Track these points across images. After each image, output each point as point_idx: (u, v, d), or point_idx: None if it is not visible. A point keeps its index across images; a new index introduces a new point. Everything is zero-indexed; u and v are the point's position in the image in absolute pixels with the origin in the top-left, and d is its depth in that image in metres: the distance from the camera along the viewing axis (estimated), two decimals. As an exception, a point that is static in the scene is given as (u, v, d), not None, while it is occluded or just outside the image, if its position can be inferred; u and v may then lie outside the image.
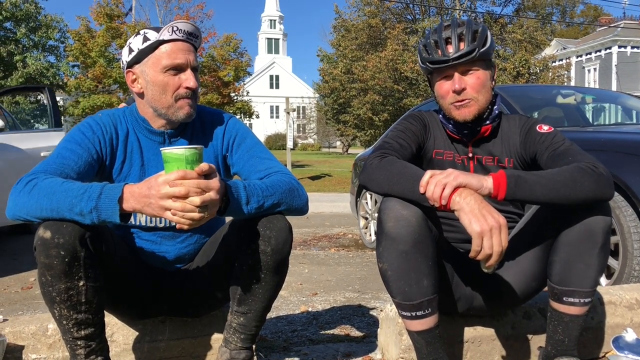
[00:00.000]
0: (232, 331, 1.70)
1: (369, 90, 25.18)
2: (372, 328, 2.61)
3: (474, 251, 1.44)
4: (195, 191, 1.32)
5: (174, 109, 1.65)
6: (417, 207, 1.51)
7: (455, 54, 1.67)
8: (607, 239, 1.56)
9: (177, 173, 1.33)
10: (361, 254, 5.18)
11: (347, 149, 38.56)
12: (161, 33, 1.61)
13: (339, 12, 29.85)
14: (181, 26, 1.62)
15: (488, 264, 1.45)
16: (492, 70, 1.78)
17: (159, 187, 1.33)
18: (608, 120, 5.67)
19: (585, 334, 1.97)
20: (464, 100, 1.71)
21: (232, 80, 19.57)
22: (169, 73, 1.62)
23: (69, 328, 1.49)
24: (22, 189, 1.42)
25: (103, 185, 1.39)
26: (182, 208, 1.32)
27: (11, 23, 23.10)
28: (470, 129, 1.78)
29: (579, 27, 41.35)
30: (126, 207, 1.37)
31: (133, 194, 1.36)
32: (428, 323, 1.59)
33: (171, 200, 1.32)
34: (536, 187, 1.46)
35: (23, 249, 5.17)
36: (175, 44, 1.63)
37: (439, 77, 1.76)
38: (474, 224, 1.41)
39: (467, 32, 1.68)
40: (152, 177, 1.37)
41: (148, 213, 1.36)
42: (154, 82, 1.63)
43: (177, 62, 1.62)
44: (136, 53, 1.64)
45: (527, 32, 25.87)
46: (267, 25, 65.19)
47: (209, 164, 1.38)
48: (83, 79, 18.29)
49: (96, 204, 1.36)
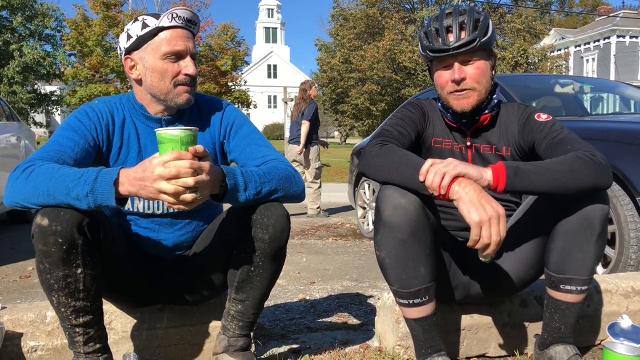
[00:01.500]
0: (230, 319, 1.71)
1: (367, 80, 25.09)
2: (369, 316, 2.62)
3: (472, 240, 1.44)
4: (187, 172, 1.32)
5: (173, 95, 1.65)
6: (415, 195, 1.52)
7: (455, 43, 1.66)
8: (605, 227, 1.56)
9: (172, 154, 1.33)
10: (359, 243, 5.19)
11: (345, 139, 38.51)
12: (160, 20, 1.61)
13: (337, 1, 29.62)
14: (180, 13, 1.62)
15: (485, 253, 1.46)
16: (492, 60, 1.77)
17: (153, 168, 1.33)
18: (606, 109, 5.67)
19: (582, 322, 1.98)
20: (463, 90, 1.71)
21: (229, 69, 19.53)
22: (168, 60, 1.62)
23: (67, 315, 1.49)
24: (19, 175, 1.42)
25: (99, 170, 1.39)
26: (175, 190, 1.32)
27: (7, 12, 22.97)
28: (468, 118, 1.77)
29: (578, 17, 41.24)
30: (122, 190, 1.37)
31: (128, 177, 1.36)
32: (425, 310, 1.60)
33: (165, 182, 1.32)
34: (535, 177, 1.46)
35: (21, 237, 5.17)
36: (174, 30, 1.62)
37: (439, 66, 1.75)
38: (473, 213, 1.41)
39: (469, 21, 1.66)
40: (147, 159, 1.37)
41: (144, 196, 1.36)
42: (153, 69, 1.63)
43: (177, 49, 1.62)
44: (135, 39, 1.63)
45: (526, 21, 25.76)
46: (264, 14, 64.81)
47: (202, 147, 1.39)
48: (80, 68, 18.24)
49: (92, 188, 1.36)
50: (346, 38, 27.28)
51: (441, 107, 1.83)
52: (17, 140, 5.73)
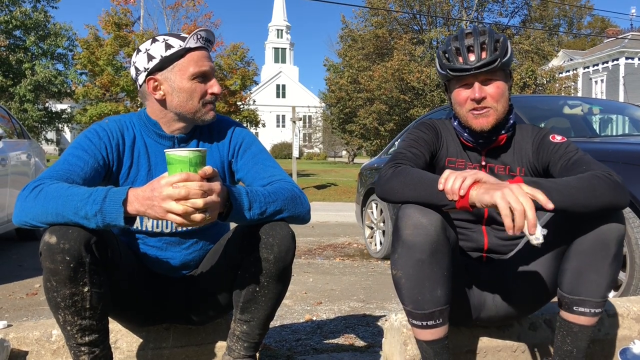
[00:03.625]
0: (235, 339, 1.70)
1: (375, 100, 25.21)
2: (376, 338, 2.59)
3: (506, 218, 1.34)
4: (197, 193, 1.32)
5: (201, 113, 1.70)
6: (436, 215, 1.49)
7: (477, 63, 1.67)
8: (620, 248, 1.54)
9: (180, 175, 1.32)
10: (366, 263, 5.16)
11: (353, 158, 38.58)
12: (187, 41, 1.63)
13: (346, 22, 29.98)
14: (204, 34, 1.66)
15: (530, 226, 1.34)
16: (510, 81, 1.78)
17: (162, 188, 1.32)
18: (615, 131, 5.65)
19: (592, 346, 1.95)
20: (483, 108, 1.71)
21: (238, 89, 19.64)
22: (196, 80, 1.65)
23: (73, 334, 1.49)
24: (28, 194, 1.43)
25: (108, 189, 1.39)
26: (184, 211, 1.31)
27: (21, 31, 23.32)
28: (485, 138, 1.77)
29: (586, 39, 41.35)
30: (130, 210, 1.37)
31: (137, 197, 1.36)
32: (438, 333, 1.57)
33: (174, 202, 1.31)
34: (555, 193, 1.44)
35: (29, 255, 5.19)
36: (201, 52, 1.67)
37: (457, 85, 1.75)
38: (494, 193, 1.36)
39: (490, 42, 1.67)
40: (156, 179, 1.37)
41: (151, 216, 1.36)
42: (181, 89, 1.65)
43: (204, 70, 1.66)
44: (159, 60, 1.64)
45: (534, 43, 25.89)
46: (274, 34, 65.55)
47: (212, 167, 1.39)
48: (91, 86, 18.41)
49: (101, 207, 1.36)
50: (354, 58, 27.51)
51: (457, 126, 1.83)
52: (27, 157, 5.78)
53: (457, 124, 1.83)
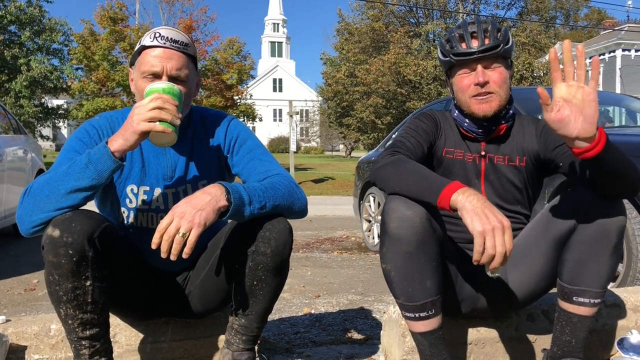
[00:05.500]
0: (234, 332, 1.70)
1: (372, 94, 25.19)
2: (374, 330, 2.60)
3: (476, 253, 1.37)
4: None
5: None
6: (421, 207, 1.50)
7: (481, 47, 1.68)
8: (621, 239, 1.55)
9: (152, 95, 1.45)
10: (364, 256, 5.17)
11: (350, 152, 38.57)
12: (143, 38, 1.63)
13: (343, 16, 29.90)
14: (163, 32, 1.61)
15: (492, 267, 1.38)
16: (511, 71, 1.79)
17: (133, 111, 1.42)
18: (612, 123, 5.65)
19: (590, 337, 1.95)
20: (487, 94, 1.71)
21: (235, 83, 19.60)
22: (146, 79, 1.61)
23: (74, 328, 1.49)
24: (22, 200, 1.46)
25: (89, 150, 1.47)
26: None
27: (16, 26, 23.18)
28: (485, 127, 1.78)
29: (583, 31, 41.30)
30: (114, 147, 1.43)
31: (117, 134, 1.45)
32: (432, 324, 1.58)
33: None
34: (619, 154, 1.44)
35: (26, 250, 5.18)
36: (153, 49, 1.61)
37: (460, 71, 1.76)
38: (476, 222, 1.36)
39: (492, 29, 1.70)
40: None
41: (130, 139, 1.42)
42: (136, 87, 1.66)
43: (153, 70, 1.59)
44: (133, 55, 1.67)
45: (531, 35, 25.86)
46: (270, 28, 65.29)
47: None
48: (87, 82, 18.33)
49: (89, 158, 1.42)
50: (351, 52, 27.46)
51: (458, 116, 1.83)
52: (23, 153, 5.77)
53: (458, 114, 1.83)
